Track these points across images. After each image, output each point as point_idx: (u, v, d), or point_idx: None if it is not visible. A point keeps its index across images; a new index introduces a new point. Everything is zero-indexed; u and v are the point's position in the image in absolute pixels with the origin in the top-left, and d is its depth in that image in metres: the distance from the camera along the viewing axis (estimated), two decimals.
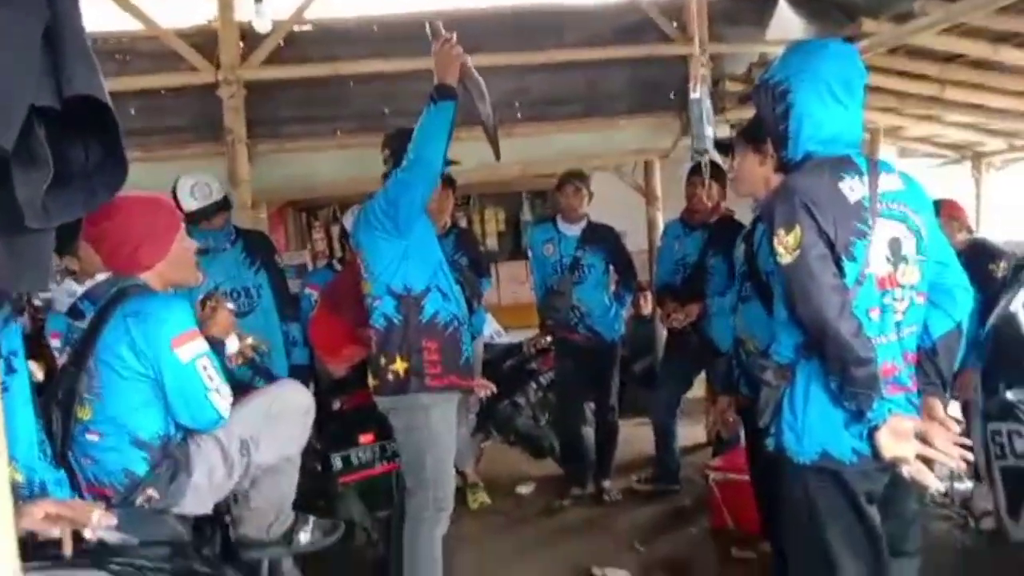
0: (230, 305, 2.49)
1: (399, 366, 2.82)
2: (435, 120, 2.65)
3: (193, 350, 2.09)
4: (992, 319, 2.60)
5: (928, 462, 1.98)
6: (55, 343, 2.81)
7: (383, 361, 2.84)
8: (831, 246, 1.90)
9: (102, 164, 1.28)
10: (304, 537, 2.46)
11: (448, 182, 3.79)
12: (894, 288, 1.98)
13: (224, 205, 3.58)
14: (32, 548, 1.56)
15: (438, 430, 2.83)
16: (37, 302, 4.10)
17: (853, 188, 1.95)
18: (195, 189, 3.46)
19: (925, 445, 1.93)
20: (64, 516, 1.62)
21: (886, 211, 1.98)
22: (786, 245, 1.90)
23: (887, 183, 2.01)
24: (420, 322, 2.82)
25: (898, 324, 2.00)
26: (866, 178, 1.98)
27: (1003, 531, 2.39)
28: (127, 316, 2.05)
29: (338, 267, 4.23)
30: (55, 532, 1.60)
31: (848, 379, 1.88)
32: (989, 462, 2.47)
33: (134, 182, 1.39)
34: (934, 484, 2.01)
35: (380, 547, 3.17)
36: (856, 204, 1.94)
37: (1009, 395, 2.42)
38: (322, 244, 7.88)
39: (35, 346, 2.85)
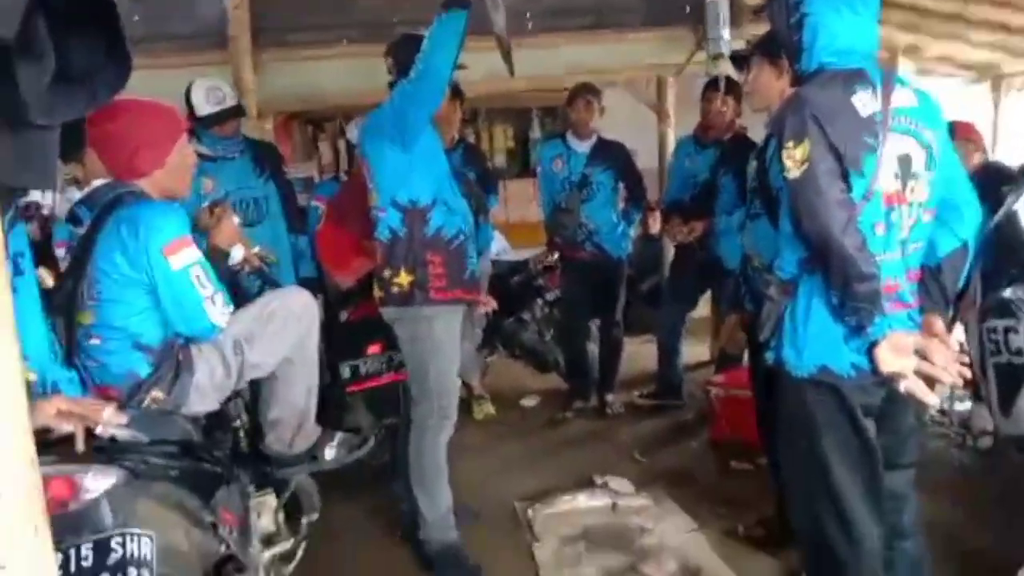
0: (236, 217, 2.48)
1: (404, 279, 2.83)
2: (446, 29, 2.56)
3: (185, 258, 2.09)
4: (996, 218, 2.59)
5: (928, 380, 2.00)
6: (60, 252, 2.83)
7: (388, 274, 2.86)
8: (839, 160, 1.88)
9: (104, 63, 1.26)
10: (330, 452, 2.52)
11: (456, 94, 3.73)
12: (901, 205, 1.97)
13: (237, 112, 3.56)
14: (45, 444, 1.60)
15: (441, 341, 2.86)
16: (46, 211, 4.12)
17: (865, 102, 1.92)
18: (210, 93, 3.44)
19: (924, 361, 1.95)
20: (76, 413, 1.66)
21: (898, 126, 1.95)
22: (794, 158, 1.88)
23: (900, 98, 1.97)
24: (425, 235, 2.82)
25: (903, 241, 2.00)
26: (879, 92, 1.94)
27: (996, 429, 2.43)
28: (121, 223, 2.05)
29: (345, 179, 4.21)
30: (67, 428, 1.64)
31: (850, 294, 1.88)
32: (984, 359, 2.50)
33: (136, 89, 1.37)
34: (931, 400, 2.03)
35: (387, 454, 3.25)
36: (867, 118, 1.91)
37: (1007, 292, 2.43)
38: (328, 156, 7.79)
39: (45, 254, 2.87)
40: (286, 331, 2.30)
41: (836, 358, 1.99)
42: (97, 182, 2.16)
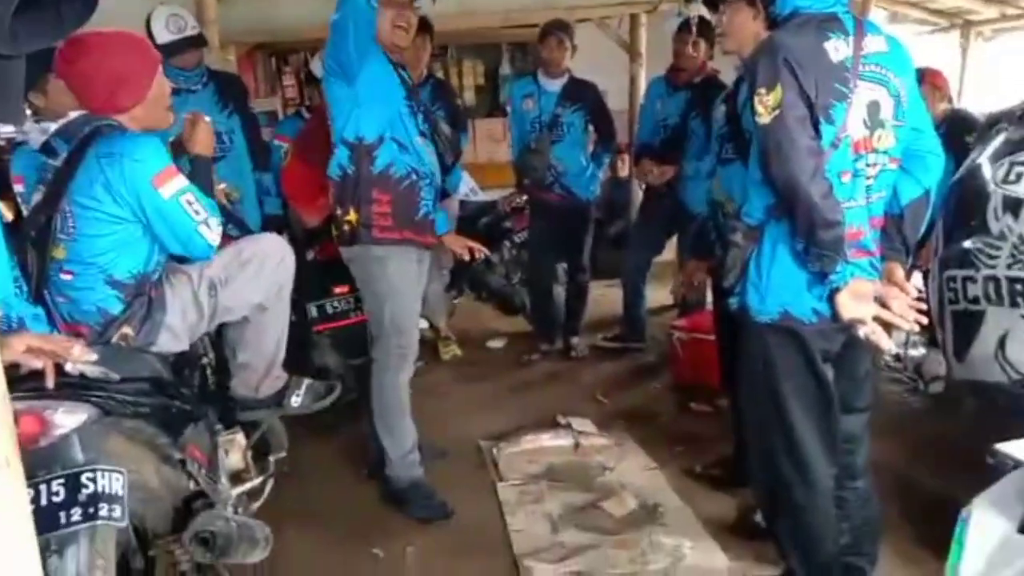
0: (208, 118, 2.42)
1: (351, 217, 2.81)
2: None
3: (175, 186, 2.06)
4: (960, 170, 2.64)
5: (885, 325, 2.06)
6: (19, 188, 2.76)
7: (339, 212, 2.84)
8: (810, 107, 1.89)
9: None
10: (296, 400, 2.52)
11: (424, 27, 3.66)
12: (868, 152, 1.99)
13: (198, 41, 3.45)
14: (14, 380, 1.59)
15: (395, 281, 2.85)
16: (0, 142, 3.98)
17: (837, 48, 1.93)
18: (170, 20, 3.32)
19: (883, 308, 2.01)
20: (45, 349, 1.65)
21: (868, 73, 1.96)
22: (766, 104, 1.89)
23: (872, 44, 1.98)
24: (371, 173, 2.77)
25: (868, 188, 2.03)
26: (851, 39, 1.95)
27: (949, 374, 2.52)
28: (100, 157, 2.00)
29: (307, 115, 4.14)
30: (37, 364, 1.63)
31: (814, 240, 1.92)
32: (942, 307, 2.58)
33: (95, 18, 1.32)
34: (888, 346, 2.10)
35: (355, 393, 3.27)
36: (839, 64, 1.92)
37: (967, 243, 2.49)
38: (293, 91, 7.61)
39: (1, 187, 2.79)
40: (261, 277, 2.28)
41: (798, 303, 2.04)
42: (72, 113, 2.10)
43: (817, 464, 2.15)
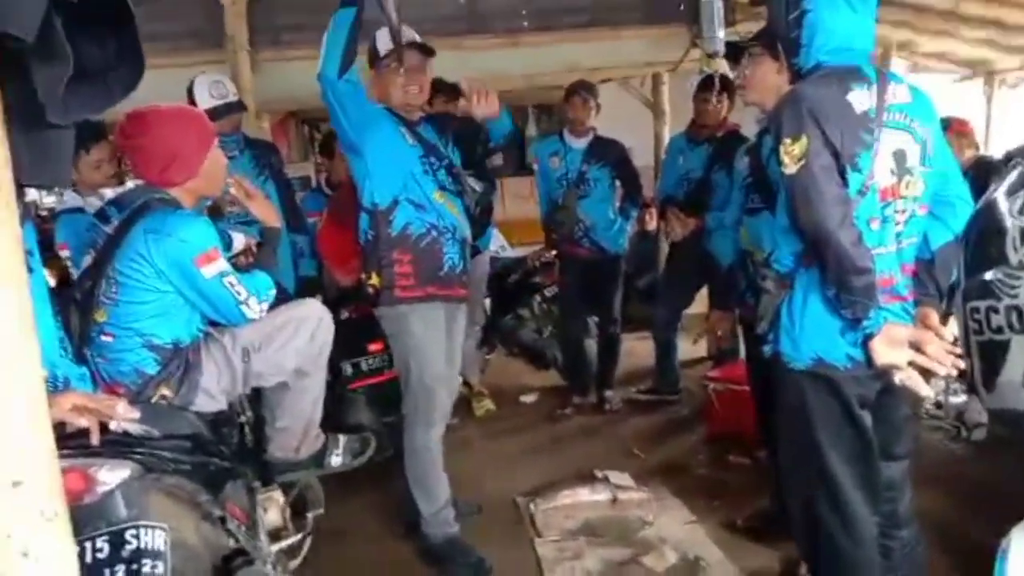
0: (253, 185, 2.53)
1: (374, 280, 2.87)
2: (335, 25, 2.60)
3: (216, 268, 2.14)
4: (978, 204, 2.63)
5: (924, 372, 2.03)
6: (64, 253, 2.86)
7: (364, 276, 2.91)
8: (836, 156, 1.91)
9: (117, 62, 1.29)
10: (336, 460, 2.55)
11: (455, 92, 3.76)
12: (896, 199, 2.00)
13: (238, 107, 3.59)
14: (59, 438, 1.63)
15: (419, 336, 2.87)
16: (43, 212, 4.13)
17: (861, 99, 1.95)
18: (213, 87, 3.49)
19: (918, 354, 1.99)
20: (90, 407, 1.69)
21: (892, 122, 1.98)
22: (792, 154, 1.91)
23: (895, 94, 2.01)
24: (390, 235, 2.83)
25: (898, 235, 2.03)
26: (875, 88, 1.98)
27: (980, 397, 2.47)
28: (147, 232, 2.09)
29: (326, 189, 4.26)
30: (83, 422, 1.67)
31: (846, 288, 1.92)
32: (967, 338, 2.55)
33: (136, 90, 1.39)
34: (926, 392, 2.07)
35: (390, 450, 3.28)
36: (862, 114, 1.94)
37: (988, 275, 2.47)
38: (320, 156, 7.81)
39: (45, 253, 2.89)
40: (295, 343, 2.31)
41: (832, 350, 2.03)
42: (130, 183, 2.20)
43: (859, 511, 2.11)
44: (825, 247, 1.91)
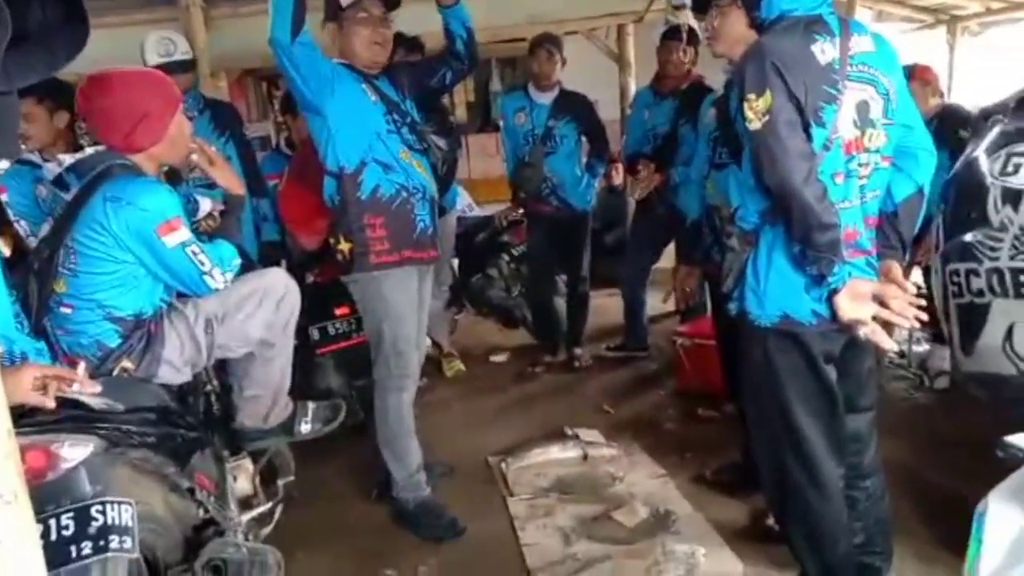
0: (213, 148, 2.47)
1: (344, 246, 2.81)
2: None
3: (179, 238, 2.09)
4: (957, 165, 2.65)
5: (886, 324, 2.06)
6: (3, 197, 2.76)
7: (332, 241, 2.85)
8: (800, 111, 1.90)
9: (61, 24, 1.23)
10: (305, 427, 2.53)
11: (416, 47, 3.69)
12: (860, 153, 2.00)
13: (187, 65, 3.46)
14: (21, 416, 1.59)
15: (392, 301, 2.84)
16: None
17: (824, 50, 1.93)
18: (159, 44, 3.37)
19: (882, 308, 2.01)
20: (49, 376, 1.65)
21: (855, 74, 1.97)
22: (756, 110, 1.89)
23: (858, 44, 1.99)
24: (360, 199, 2.76)
25: (862, 188, 2.03)
26: (837, 40, 1.96)
27: (956, 368, 2.51)
28: (107, 200, 2.03)
29: (286, 150, 4.15)
30: (47, 402, 1.63)
31: (811, 244, 1.92)
32: (947, 300, 2.58)
33: (85, 49, 1.33)
34: (889, 345, 2.10)
35: (360, 414, 3.27)
36: (826, 66, 1.93)
37: (968, 237, 2.49)
38: (282, 115, 7.65)
39: (0, 222, 2.81)
40: (259, 314, 2.27)
41: (797, 306, 2.04)
42: (89, 150, 2.13)
43: (825, 465, 2.15)
44: (790, 203, 1.90)
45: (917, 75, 3.75)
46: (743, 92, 1.92)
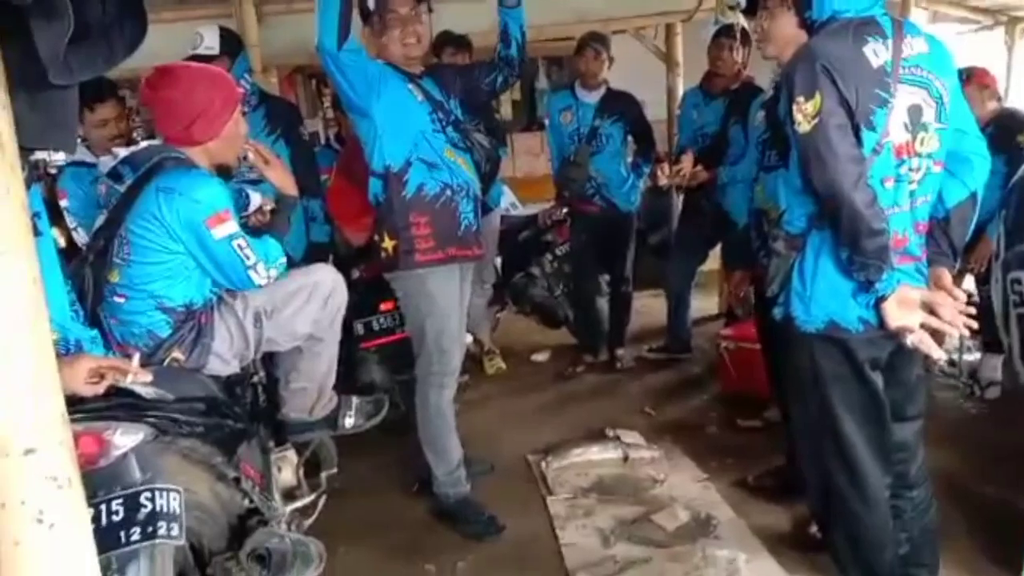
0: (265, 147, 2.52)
1: (388, 244, 2.82)
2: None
3: (227, 230, 2.13)
4: (1020, 171, 2.58)
5: (936, 332, 2.01)
6: (63, 203, 2.84)
7: (377, 239, 2.87)
8: (851, 114, 1.87)
9: (120, 19, 1.26)
10: (349, 421, 2.57)
11: (463, 45, 3.70)
12: (911, 157, 1.96)
13: (209, 59, 3.44)
14: (72, 402, 1.63)
15: (435, 297, 2.85)
16: (52, 170, 4.11)
17: (877, 52, 1.90)
18: (199, 39, 3.36)
19: (931, 315, 1.96)
20: (104, 367, 1.69)
21: (908, 77, 1.93)
22: (805, 113, 1.87)
23: (912, 47, 1.96)
24: (405, 197, 2.77)
25: (912, 193, 2.00)
26: (890, 42, 1.93)
27: (1014, 374, 2.45)
28: (159, 191, 2.08)
29: (336, 145, 4.17)
30: (100, 390, 1.67)
31: (859, 250, 1.89)
32: (1007, 310, 2.52)
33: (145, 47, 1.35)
34: (938, 353, 2.06)
35: (403, 409, 3.29)
36: (879, 69, 1.89)
37: None
38: (333, 112, 7.73)
39: (53, 214, 2.89)
40: (307, 309, 2.31)
41: (844, 312, 2.01)
42: (144, 143, 2.20)
43: (871, 473, 2.11)
44: (839, 208, 1.88)
45: (974, 79, 3.66)
46: (792, 94, 1.89)
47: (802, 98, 1.87)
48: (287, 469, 2.45)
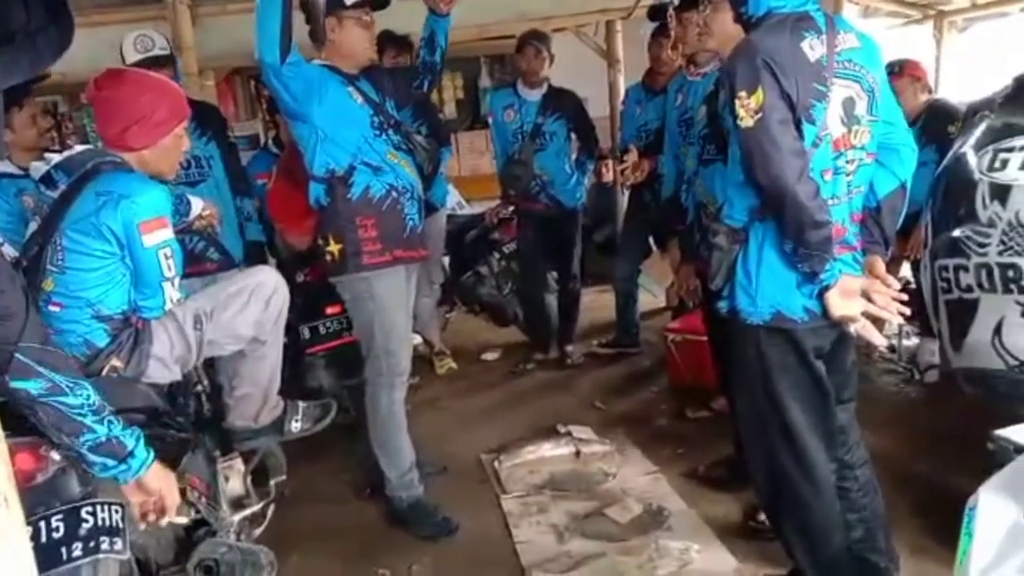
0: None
1: (334, 248, 2.81)
2: (261, 3, 2.50)
3: (159, 237, 2.08)
4: (945, 160, 2.66)
5: (876, 319, 2.06)
6: None
7: (321, 242, 2.85)
8: (792, 108, 1.90)
9: (45, 24, 1.21)
10: (295, 426, 2.52)
11: (403, 45, 3.69)
12: (847, 149, 2.01)
13: (166, 60, 3.41)
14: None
15: (383, 299, 2.84)
16: None
17: (813, 47, 1.93)
18: (138, 40, 3.34)
19: (869, 303, 2.02)
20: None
21: (841, 71, 1.97)
22: (747, 108, 1.89)
23: (843, 41, 2.00)
24: (350, 200, 2.76)
25: (848, 184, 2.04)
26: (824, 36, 1.96)
27: (946, 363, 2.52)
28: (99, 194, 2.02)
29: (273, 148, 4.13)
30: None
31: (803, 241, 1.92)
32: (936, 296, 2.59)
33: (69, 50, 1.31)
34: (879, 340, 2.11)
35: (352, 413, 3.26)
36: (816, 64, 1.93)
37: (956, 232, 2.50)
38: (269, 115, 7.61)
39: None
40: (249, 311, 2.27)
41: (790, 303, 2.05)
42: (78, 147, 2.15)
43: (818, 459, 2.15)
44: (782, 201, 1.90)
45: (907, 71, 3.76)
46: (734, 89, 1.91)
47: (744, 93, 1.88)
48: (234, 478, 2.40)
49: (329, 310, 3.51)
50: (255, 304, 2.27)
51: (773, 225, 2.00)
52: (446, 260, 5.03)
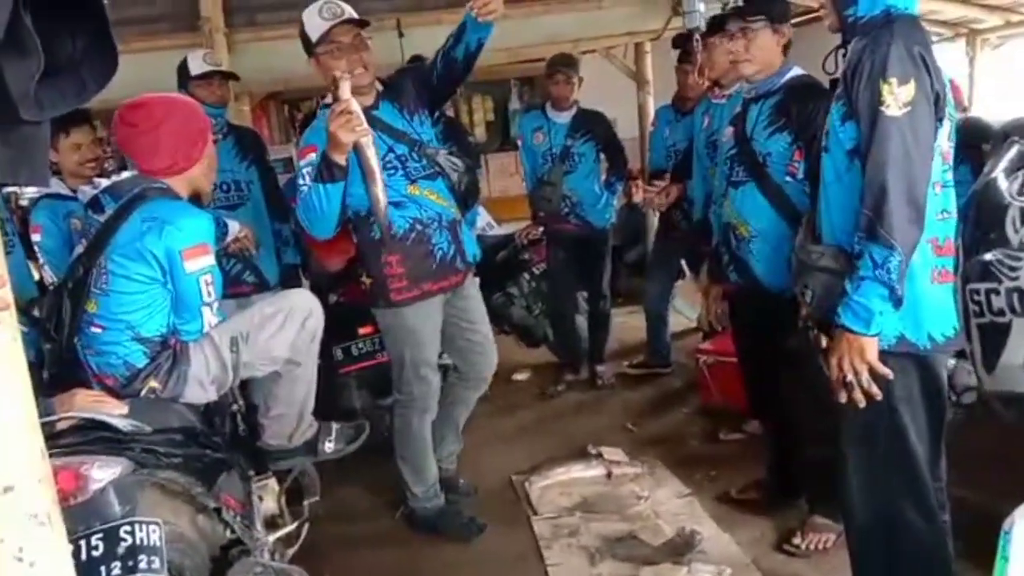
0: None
1: (366, 280, 2.87)
2: (315, 199, 2.52)
3: (201, 264, 2.13)
4: (975, 184, 2.63)
5: None
6: (36, 237, 2.83)
7: (358, 270, 2.92)
8: (936, 110, 1.79)
9: (89, 54, 1.25)
10: (328, 446, 2.54)
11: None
12: (948, 163, 1.91)
13: (231, 75, 3.58)
14: (50, 437, 1.61)
15: (415, 330, 2.88)
16: (23, 202, 4.09)
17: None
18: (206, 56, 3.55)
19: None
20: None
21: None
22: (896, 96, 1.74)
23: None
24: (373, 239, 2.77)
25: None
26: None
27: (979, 383, 2.47)
28: (144, 220, 2.08)
29: None
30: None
31: (905, 249, 1.78)
32: (968, 320, 2.55)
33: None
34: None
35: (385, 433, 3.27)
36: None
37: (987, 256, 2.45)
38: None
39: (27, 248, 2.86)
40: (285, 333, 2.30)
41: (915, 329, 1.94)
42: (125, 173, 2.20)
43: (932, 494, 2.04)
44: (905, 207, 1.75)
45: None
46: (884, 73, 1.75)
47: (895, 80, 1.74)
48: (269, 498, 2.42)
49: (362, 331, 3.54)
50: (291, 326, 2.30)
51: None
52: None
